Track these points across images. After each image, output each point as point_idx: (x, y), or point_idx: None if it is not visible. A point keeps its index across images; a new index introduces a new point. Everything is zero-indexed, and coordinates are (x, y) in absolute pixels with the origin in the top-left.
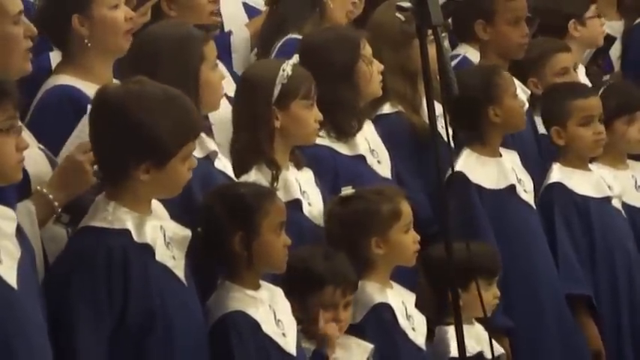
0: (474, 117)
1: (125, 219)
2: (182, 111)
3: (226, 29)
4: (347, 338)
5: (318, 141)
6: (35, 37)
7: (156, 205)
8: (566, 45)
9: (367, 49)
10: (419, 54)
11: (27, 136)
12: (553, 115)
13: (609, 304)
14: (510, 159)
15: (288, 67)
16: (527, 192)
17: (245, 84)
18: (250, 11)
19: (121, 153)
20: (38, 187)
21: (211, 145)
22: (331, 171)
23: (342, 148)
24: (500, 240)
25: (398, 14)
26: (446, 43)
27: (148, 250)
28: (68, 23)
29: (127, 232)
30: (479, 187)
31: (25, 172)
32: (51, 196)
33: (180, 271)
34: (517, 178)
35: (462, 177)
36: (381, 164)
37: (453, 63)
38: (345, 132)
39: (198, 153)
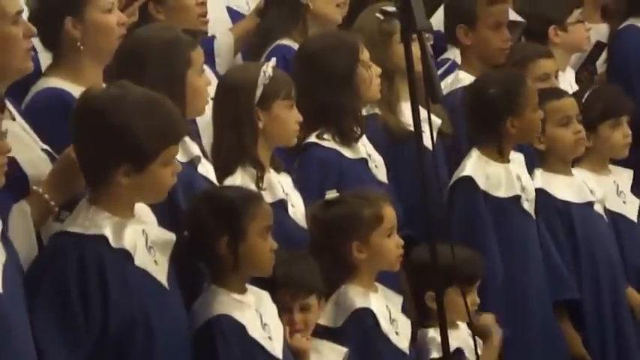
0: (491, 125)
1: (103, 224)
2: (163, 115)
3: (210, 34)
4: (320, 343)
5: (325, 144)
6: (35, 35)
7: (140, 208)
8: (548, 51)
9: (365, 54)
10: (395, 53)
11: (30, 138)
12: None
13: (593, 309)
14: (517, 164)
15: (268, 68)
16: (528, 201)
17: (226, 86)
18: (234, 15)
19: (100, 155)
20: (34, 188)
21: (195, 150)
22: (337, 173)
23: (347, 152)
24: (502, 248)
25: (377, 14)
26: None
27: (126, 255)
28: (60, 25)
29: (103, 237)
30: (485, 194)
31: (24, 173)
32: (47, 196)
33: (162, 276)
34: (522, 186)
35: (469, 182)
36: (378, 168)
37: (443, 68)
38: (349, 137)
39: (181, 157)
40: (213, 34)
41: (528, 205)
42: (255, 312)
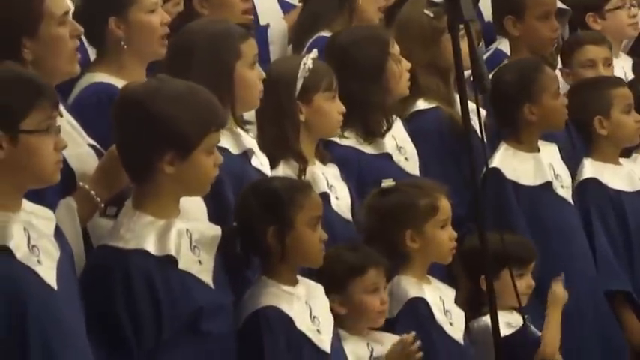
0: (509, 113)
1: (145, 234)
2: (201, 102)
3: (262, 23)
4: (381, 335)
5: (343, 142)
6: (81, 35)
7: (188, 205)
8: (596, 38)
9: (396, 48)
10: (448, 50)
11: (77, 134)
12: (593, 105)
13: None
14: (549, 154)
15: (308, 61)
16: (564, 188)
17: (267, 80)
18: (285, 6)
19: (143, 147)
20: (81, 184)
21: (247, 143)
22: (356, 171)
23: (366, 149)
24: (536, 237)
25: (426, 11)
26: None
27: (170, 260)
28: (105, 25)
29: (144, 251)
30: (514, 184)
31: (70, 169)
32: (93, 193)
33: (207, 274)
34: (554, 174)
35: (497, 173)
36: (409, 161)
37: (486, 56)
38: (374, 132)
39: (234, 150)
40: (267, 23)
41: (564, 192)
42: (305, 304)
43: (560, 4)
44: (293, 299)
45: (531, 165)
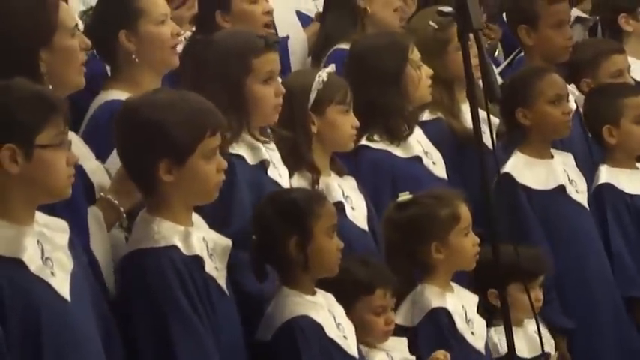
0: (507, 116)
1: (170, 234)
2: (193, 108)
3: (281, 35)
4: (397, 341)
5: (375, 145)
6: (90, 49)
7: (195, 216)
8: (620, 47)
9: (415, 54)
10: (453, 61)
11: (86, 149)
12: (604, 113)
13: None
14: (562, 160)
15: (323, 74)
16: (579, 192)
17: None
18: (304, 19)
19: (140, 156)
20: (102, 194)
21: (265, 154)
22: (389, 174)
23: (397, 151)
24: (551, 241)
25: (431, 22)
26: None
27: (197, 261)
28: (115, 39)
29: (176, 247)
30: (526, 189)
31: (89, 181)
32: (117, 202)
33: (222, 282)
34: (569, 179)
35: (509, 179)
36: (436, 165)
37: (508, 59)
38: (397, 136)
39: (250, 160)
40: (287, 35)
41: (579, 197)
42: (329, 312)
43: (579, 13)
44: (318, 308)
45: (543, 170)
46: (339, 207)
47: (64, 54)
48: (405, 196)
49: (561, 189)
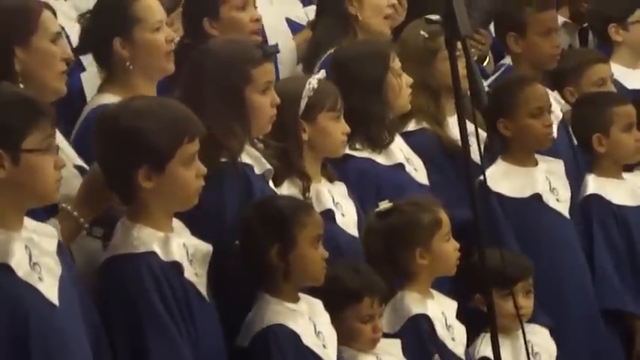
0: (490, 126)
1: (150, 240)
2: (172, 113)
3: (270, 43)
4: (387, 343)
5: (358, 154)
6: (71, 62)
7: (176, 222)
8: (603, 56)
9: (396, 63)
10: (440, 70)
11: (64, 154)
12: (594, 122)
13: None
14: (547, 168)
15: (314, 80)
16: (560, 201)
17: None
18: (293, 26)
19: (119, 162)
20: (63, 205)
21: (267, 164)
22: (374, 182)
23: (380, 159)
24: (525, 247)
25: (422, 31)
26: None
27: (176, 267)
28: (110, 46)
29: (154, 254)
30: (499, 196)
31: None
32: (75, 213)
33: (203, 288)
34: (550, 187)
35: (483, 186)
36: (418, 172)
37: (498, 72)
38: (378, 144)
39: (257, 169)
40: (276, 43)
41: (560, 205)
42: (309, 320)
43: (564, 19)
44: (297, 316)
45: (521, 178)
46: (329, 214)
47: (41, 56)
48: (385, 205)
49: (537, 197)
